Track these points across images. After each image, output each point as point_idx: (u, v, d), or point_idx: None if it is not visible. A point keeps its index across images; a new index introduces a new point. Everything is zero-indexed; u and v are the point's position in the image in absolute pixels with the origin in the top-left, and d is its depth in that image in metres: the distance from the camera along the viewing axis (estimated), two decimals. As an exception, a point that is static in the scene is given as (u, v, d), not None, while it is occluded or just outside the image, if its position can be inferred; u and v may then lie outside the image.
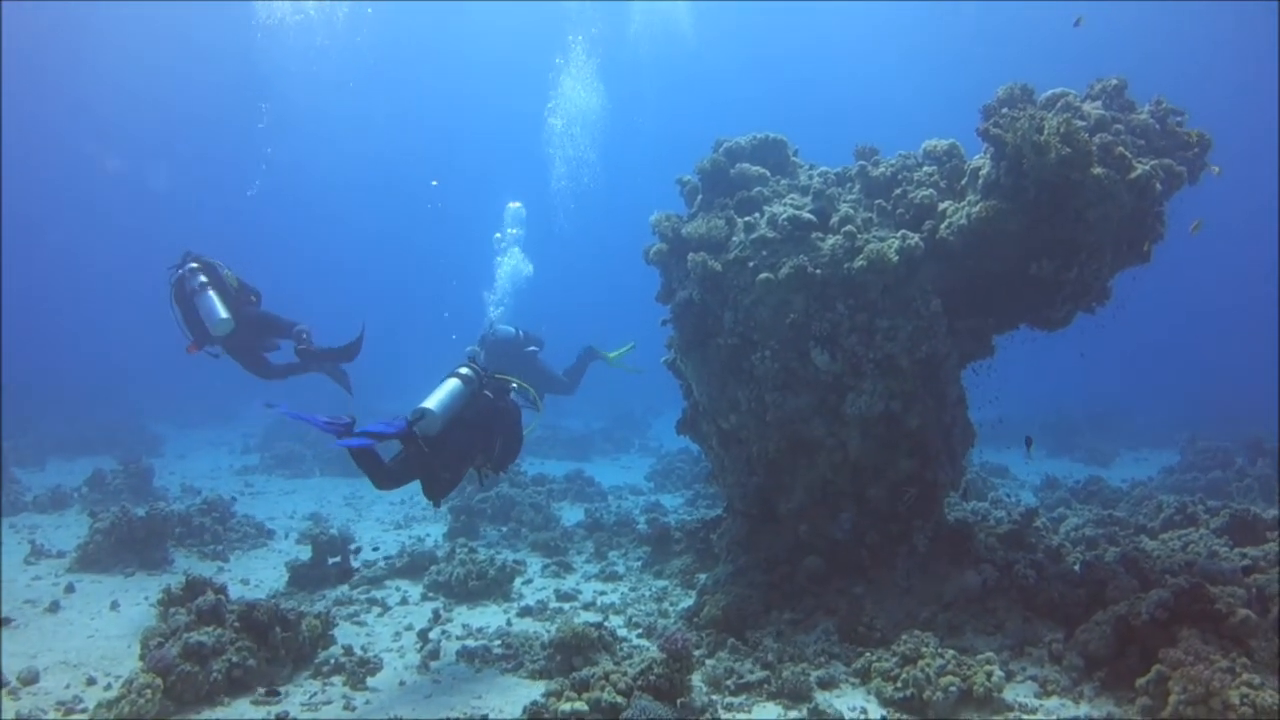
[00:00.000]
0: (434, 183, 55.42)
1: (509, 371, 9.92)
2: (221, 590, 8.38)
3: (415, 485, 8.56)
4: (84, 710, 6.95)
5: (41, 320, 52.49)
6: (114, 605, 9.85)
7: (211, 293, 10.12)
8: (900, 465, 8.89)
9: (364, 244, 64.03)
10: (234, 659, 7.40)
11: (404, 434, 8.08)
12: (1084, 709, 6.95)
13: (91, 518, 12.05)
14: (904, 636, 7.60)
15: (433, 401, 8.30)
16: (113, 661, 8.06)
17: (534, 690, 7.30)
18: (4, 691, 7.23)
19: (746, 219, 9.36)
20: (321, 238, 63.49)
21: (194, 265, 10.27)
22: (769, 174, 9.92)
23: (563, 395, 15.79)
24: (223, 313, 10.07)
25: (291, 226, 60.40)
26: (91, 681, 7.56)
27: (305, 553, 11.48)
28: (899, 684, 7.11)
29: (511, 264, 17.45)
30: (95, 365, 39.30)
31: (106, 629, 9.11)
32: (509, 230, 18.41)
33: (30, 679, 7.45)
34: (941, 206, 9.05)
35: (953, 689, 6.89)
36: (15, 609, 9.56)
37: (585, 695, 6.64)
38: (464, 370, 8.70)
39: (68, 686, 7.44)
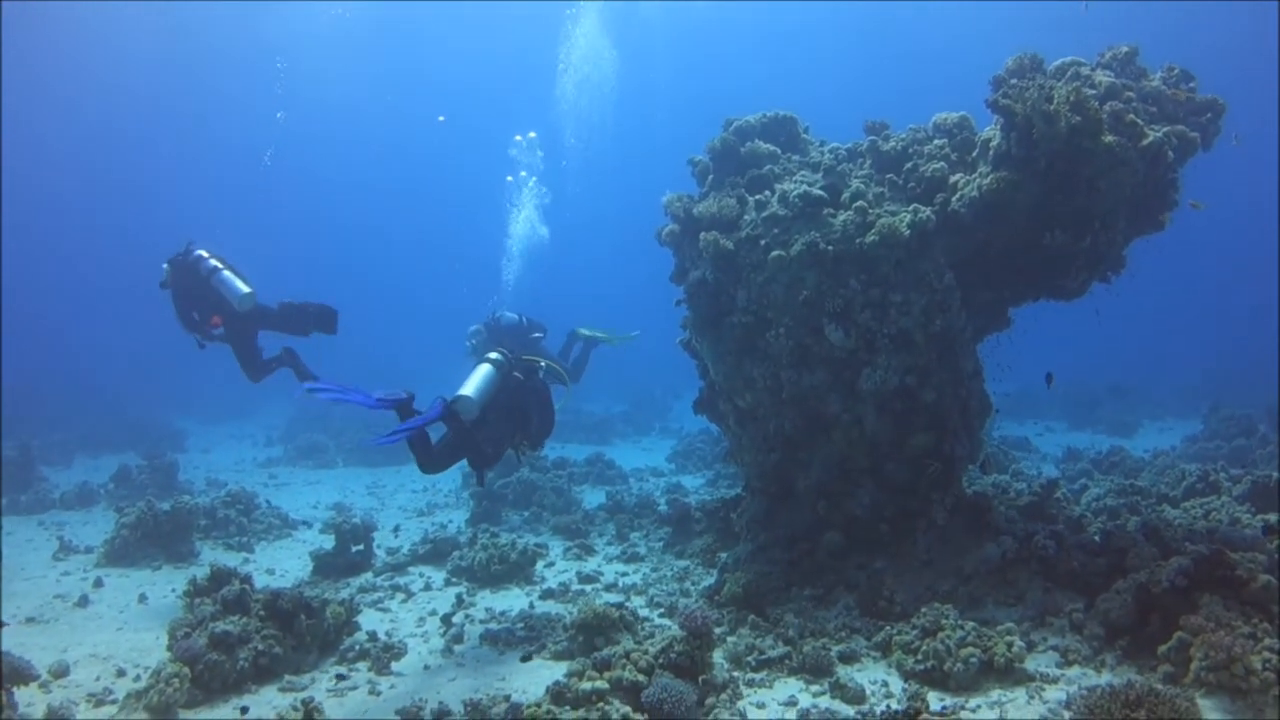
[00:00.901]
0: (440, 118, 54.62)
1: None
2: (247, 580, 8.49)
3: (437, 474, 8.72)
4: (114, 701, 7.04)
5: (62, 320, 52.96)
6: (142, 598, 9.96)
7: (227, 272, 10.42)
8: (917, 439, 8.88)
9: (376, 211, 63.96)
10: (260, 647, 7.48)
11: (443, 416, 8.36)
12: (1106, 677, 6.94)
13: (118, 513, 12.19)
14: (924, 609, 7.62)
15: (469, 388, 8.54)
16: (141, 653, 8.16)
17: (557, 671, 7.34)
18: (36, 685, 7.33)
19: (758, 197, 9.35)
20: (331, 211, 63.56)
21: (202, 252, 10.54)
22: (779, 151, 9.91)
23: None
24: (245, 287, 10.35)
25: (302, 202, 60.55)
26: (121, 673, 7.66)
27: (329, 542, 11.58)
28: (920, 656, 7.13)
29: (527, 213, 16.79)
30: (117, 362, 39.65)
31: (135, 621, 9.22)
32: (522, 173, 17.79)
33: (61, 672, 7.56)
34: (953, 179, 9.02)
35: (973, 660, 6.90)
36: (44, 604, 9.69)
37: (607, 674, 6.68)
38: (494, 355, 9.00)
39: (98, 678, 7.54)
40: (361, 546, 11.38)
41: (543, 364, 9.62)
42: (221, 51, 47.03)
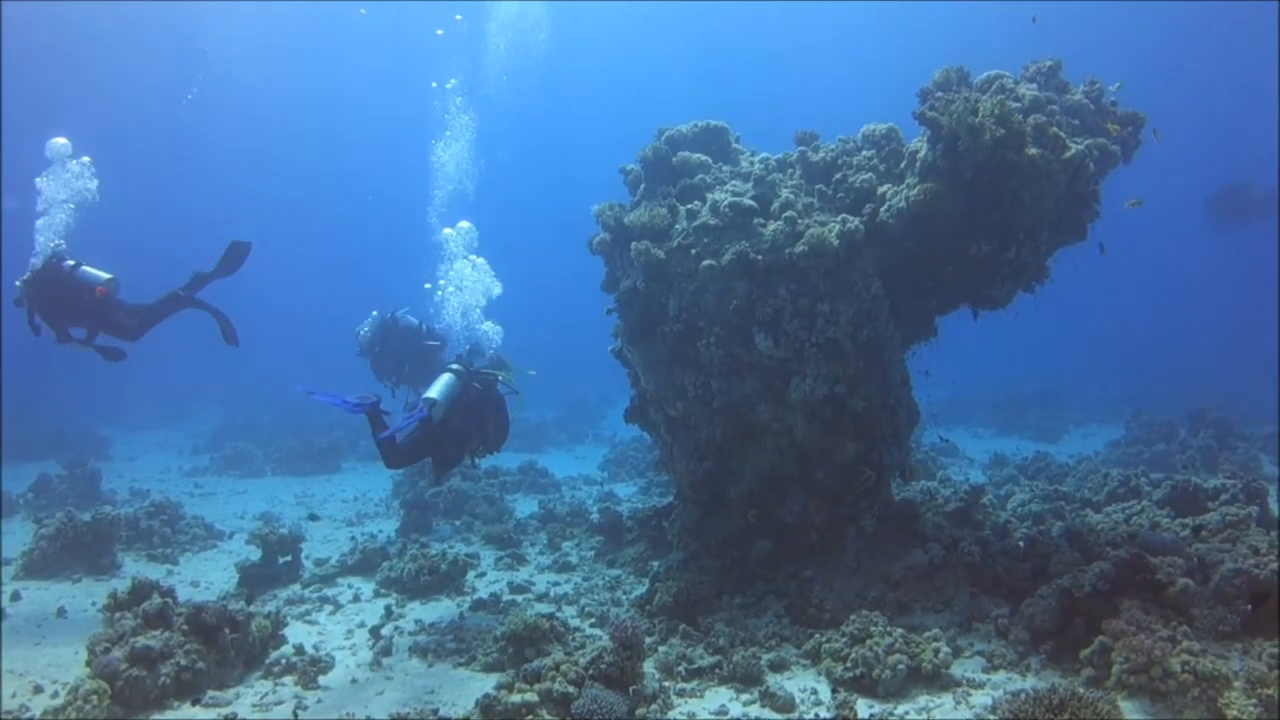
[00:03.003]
0: (362, 11, 52.67)
1: (404, 359, 12.19)
2: (169, 593, 8.30)
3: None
4: (31, 719, 6.86)
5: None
6: (60, 612, 9.72)
7: (86, 266, 10.73)
8: (846, 448, 8.96)
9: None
10: (183, 662, 7.33)
11: (426, 420, 9.08)
12: (1031, 681, 7.06)
13: (36, 524, 11.87)
14: (853, 617, 7.69)
15: (435, 391, 9.24)
16: (60, 669, 7.97)
17: (487, 683, 7.30)
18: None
19: (689, 206, 9.38)
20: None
21: (60, 257, 10.76)
22: (711, 161, 9.95)
23: None
24: (107, 274, 10.69)
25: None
26: (38, 689, 7.47)
27: (256, 553, 11.39)
28: (848, 664, 7.19)
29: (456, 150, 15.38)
30: (38, 367, 38.65)
31: (53, 636, 8.99)
32: (451, 83, 16.23)
33: (-25, 689, 7.36)
34: (881, 190, 9.12)
35: (901, 667, 6.97)
36: (-41, 619, 9.43)
37: (536, 686, 6.66)
38: (455, 366, 9.72)
39: (14, 695, 7.34)
40: (289, 558, 11.21)
41: (500, 377, 10.15)
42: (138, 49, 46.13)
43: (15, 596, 10.23)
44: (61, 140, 10.59)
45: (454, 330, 11.99)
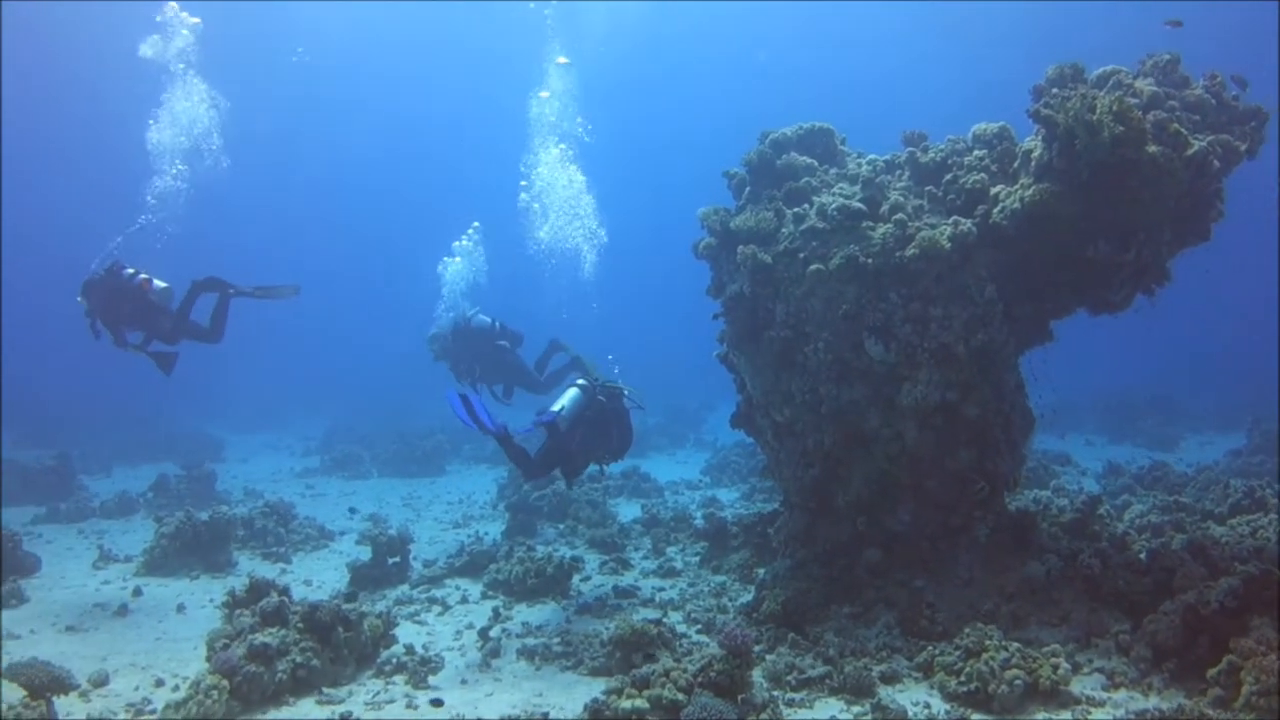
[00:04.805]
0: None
1: (476, 360, 12.98)
2: (285, 592, 8.48)
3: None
4: (153, 711, 7.06)
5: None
6: (180, 608, 10.02)
7: (144, 274, 11.38)
8: (959, 456, 8.77)
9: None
10: (298, 659, 7.48)
11: (554, 432, 9.88)
12: (1153, 701, 6.82)
13: (157, 522, 12.27)
14: (967, 629, 7.53)
15: (559, 405, 10.10)
16: (180, 663, 8.20)
17: (594, 687, 7.30)
18: (76, 694, 7.34)
19: (795, 210, 9.29)
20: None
21: (120, 265, 11.39)
22: (816, 164, 9.83)
23: (532, 393, 14.48)
24: (163, 282, 11.40)
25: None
26: (160, 683, 7.70)
27: (365, 553, 11.59)
28: (963, 678, 7.03)
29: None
30: (155, 372, 39.87)
31: (173, 631, 9.27)
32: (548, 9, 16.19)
33: (100, 681, 7.59)
34: (994, 191, 8.92)
35: (1018, 682, 6.79)
36: (84, 613, 9.77)
37: (646, 692, 6.63)
38: (581, 381, 10.64)
39: (137, 688, 7.57)
40: (398, 559, 11.37)
41: (626, 391, 10.78)
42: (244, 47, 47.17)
43: (137, 592, 10.58)
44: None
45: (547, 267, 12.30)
